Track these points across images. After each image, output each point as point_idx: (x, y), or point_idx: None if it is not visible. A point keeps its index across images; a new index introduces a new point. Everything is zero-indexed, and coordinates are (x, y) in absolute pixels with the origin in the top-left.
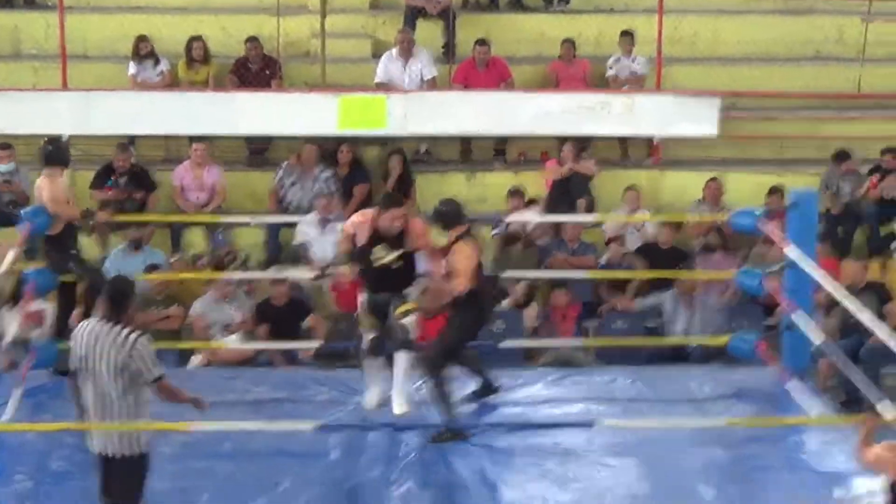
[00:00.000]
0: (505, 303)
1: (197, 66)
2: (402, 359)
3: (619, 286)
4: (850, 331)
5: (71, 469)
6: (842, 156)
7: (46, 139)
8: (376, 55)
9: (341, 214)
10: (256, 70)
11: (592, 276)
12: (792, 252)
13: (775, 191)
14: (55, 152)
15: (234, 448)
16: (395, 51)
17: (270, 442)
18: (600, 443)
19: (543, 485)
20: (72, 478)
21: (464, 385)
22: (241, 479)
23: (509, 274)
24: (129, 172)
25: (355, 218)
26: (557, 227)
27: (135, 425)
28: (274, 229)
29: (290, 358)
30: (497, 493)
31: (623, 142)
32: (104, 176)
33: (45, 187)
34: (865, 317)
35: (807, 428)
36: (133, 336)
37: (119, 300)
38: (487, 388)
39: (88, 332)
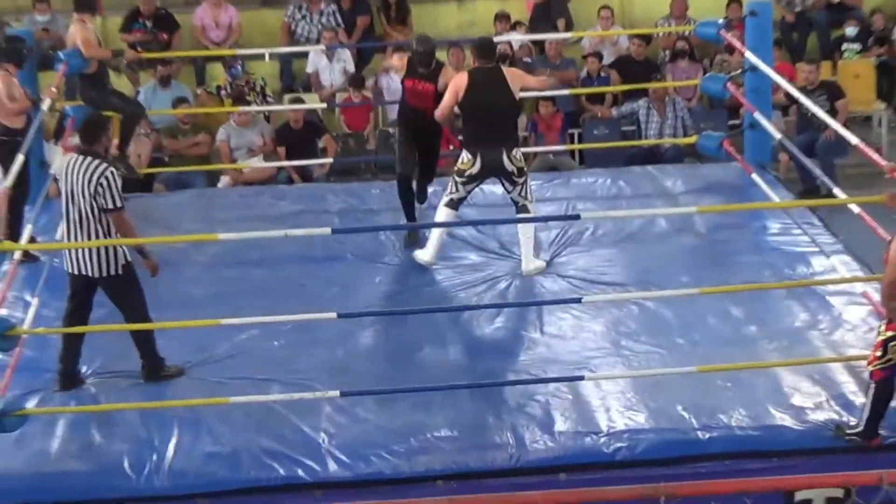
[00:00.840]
0: None
1: None
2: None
3: (598, 97)
4: (805, 127)
5: None
6: None
7: None
8: None
9: (346, 44)
10: None
11: (573, 92)
12: (751, 57)
13: (734, 2)
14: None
15: (262, 256)
16: None
17: (294, 249)
18: (587, 237)
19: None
20: None
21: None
22: (271, 283)
23: None
24: (155, 16)
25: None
26: (541, 45)
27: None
28: (287, 61)
29: (307, 174)
30: (497, 281)
31: None
32: (132, 20)
33: (77, 32)
34: (819, 113)
35: (770, 214)
36: (101, 168)
37: (89, 134)
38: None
39: (68, 164)
